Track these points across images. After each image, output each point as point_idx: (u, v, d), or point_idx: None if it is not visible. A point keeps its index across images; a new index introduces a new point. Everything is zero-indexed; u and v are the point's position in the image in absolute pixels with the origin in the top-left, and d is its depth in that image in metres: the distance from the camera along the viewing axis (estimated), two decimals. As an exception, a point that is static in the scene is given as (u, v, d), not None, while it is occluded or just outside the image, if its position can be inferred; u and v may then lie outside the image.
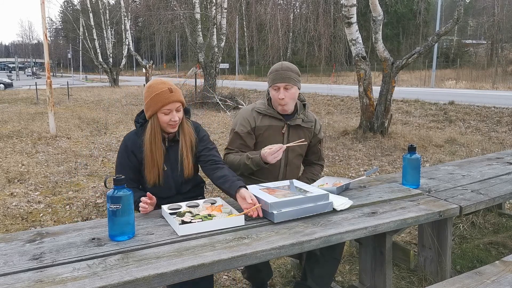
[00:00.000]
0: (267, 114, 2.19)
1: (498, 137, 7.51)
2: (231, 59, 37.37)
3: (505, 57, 32.73)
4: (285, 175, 2.24)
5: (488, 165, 2.76)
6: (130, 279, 1.21)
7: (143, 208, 1.74)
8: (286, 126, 2.20)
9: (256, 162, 2.03)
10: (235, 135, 2.19)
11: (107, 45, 28.43)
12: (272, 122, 2.18)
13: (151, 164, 1.87)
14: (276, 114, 2.19)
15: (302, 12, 26.75)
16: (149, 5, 19.41)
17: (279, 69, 2.14)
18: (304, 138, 2.22)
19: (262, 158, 1.99)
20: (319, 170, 2.41)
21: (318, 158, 2.40)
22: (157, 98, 1.82)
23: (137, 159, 1.90)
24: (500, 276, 1.44)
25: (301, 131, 2.24)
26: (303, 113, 2.25)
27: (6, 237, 1.52)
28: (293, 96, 2.14)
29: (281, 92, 2.10)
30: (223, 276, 2.50)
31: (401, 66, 7.15)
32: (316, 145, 2.36)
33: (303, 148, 2.28)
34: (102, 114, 11.26)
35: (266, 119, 2.19)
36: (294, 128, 2.22)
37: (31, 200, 4.09)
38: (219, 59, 14.14)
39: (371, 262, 2.05)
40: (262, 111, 2.20)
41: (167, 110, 1.83)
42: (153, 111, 1.84)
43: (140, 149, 1.88)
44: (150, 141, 1.86)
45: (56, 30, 76.18)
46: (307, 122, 2.26)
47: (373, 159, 5.81)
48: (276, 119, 2.19)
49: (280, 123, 2.19)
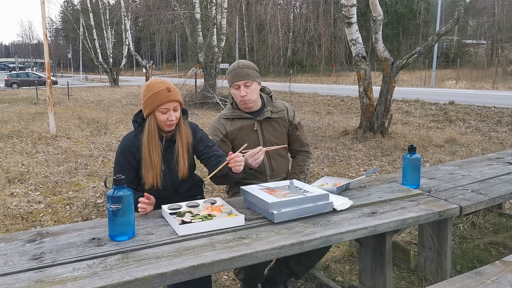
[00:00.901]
0: (235, 117, 2.21)
1: (498, 137, 7.51)
2: (231, 59, 37.34)
3: (505, 57, 32.73)
4: (272, 169, 2.25)
5: (488, 165, 2.76)
6: (130, 279, 1.21)
7: (142, 208, 1.73)
8: (257, 123, 2.22)
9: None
10: None
11: (107, 45, 28.44)
12: (242, 123, 2.20)
13: (149, 163, 1.87)
14: (243, 114, 2.21)
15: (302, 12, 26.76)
16: (149, 5, 19.44)
17: (236, 67, 2.17)
18: (280, 128, 2.25)
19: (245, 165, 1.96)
20: (305, 159, 2.39)
21: (300, 144, 2.39)
22: (155, 97, 1.82)
23: (135, 159, 1.90)
24: (500, 276, 1.44)
25: (274, 123, 2.25)
26: (271, 105, 2.26)
27: (6, 237, 1.52)
28: (254, 92, 2.16)
29: (242, 90, 2.13)
30: (223, 276, 2.50)
31: (401, 66, 7.15)
32: (294, 132, 2.35)
33: (281, 138, 2.28)
34: (102, 114, 11.27)
35: (236, 122, 2.20)
36: (266, 122, 2.23)
37: (31, 200, 4.09)
38: (219, 59, 14.13)
39: (371, 262, 2.05)
40: (229, 115, 2.23)
41: (165, 109, 1.83)
42: (151, 110, 1.84)
43: (138, 149, 1.88)
44: (148, 140, 1.86)
45: (56, 30, 76.28)
46: (277, 112, 2.27)
47: (373, 159, 5.81)
48: (245, 119, 2.21)
49: (250, 122, 2.21)
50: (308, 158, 2.42)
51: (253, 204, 1.77)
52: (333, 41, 25.62)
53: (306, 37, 25.75)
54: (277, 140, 2.24)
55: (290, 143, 2.38)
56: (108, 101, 14.98)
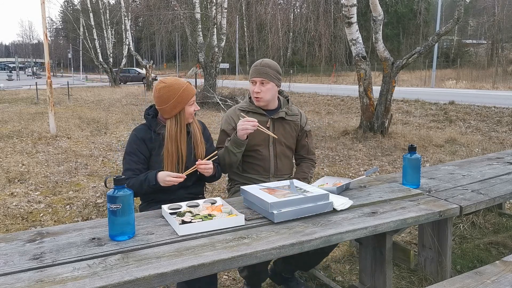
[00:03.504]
0: (250, 110, 2.27)
1: (498, 137, 7.51)
2: (231, 59, 37.38)
3: (505, 57, 32.74)
4: (276, 167, 2.28)
5: (488, 165, 2.76)
6: (130, 279, 1.21)
7: (172, 181, 1.85)
8: (270, 120, 2.26)
9: (233, 140, 2.12)
10: (222, 132, 2.31)
11: (107, 45, 28.41)
12: (256, 118, 2.22)
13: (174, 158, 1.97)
14: (259, 109, 2.26)
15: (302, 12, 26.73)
16: (149, 5, 19.44)
17: (258, 64, 2.24)
18: (290, 131, 2.31)
19: (237, 134, 2.10)
20: (310, 167, 2.42)
21: (307, 151, 2.43)
22: (185, 93, 1.96)
23: (147, 148, 1.98)
24: (500, 276, 1.44)
25: (286, 124, 2.30)
26: (287, 107, 2.32)
27: (6, 237, 1.52)
28: (269, 92, 2.21)
29: (257, 86, 2.20)
30: (223, 276, 2.50)
31: (401, 66, 7.15)
32: (304, 138, 2.40)
33: (290, 140, 2.33)
34: (102, 114, 11.27)
35: (250, 115, 2.24)
36: (279, 121, 2.28)
37: (31, 200, 4.09)
38: (219, 59, 14.13)
39: (371, 262, 2.05)
40: (245, 107, 2.28)
41: (192, 101, 2.00)
42: (183, 105, 1.97)
43: (151, 139, 1.98)
44: (178, 134, 1.97)
45: (56, 30, 76.25)
46: (291, 115, 2.33)
47: (373, 159, 5.81)
48: (259, 114, 2.26)
49: (264, 118, 2.26)
50: (313, 167, 2.45)
51: (253, 204, 1.77)
52: (333, 41, 25.59)
53: (306, 37, 25.75)
54: (286, 141, 2.29)
55: (297, 149, 2.42)
56: (108, 101, 14.98)
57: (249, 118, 2.09)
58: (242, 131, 2.06)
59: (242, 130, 2.06)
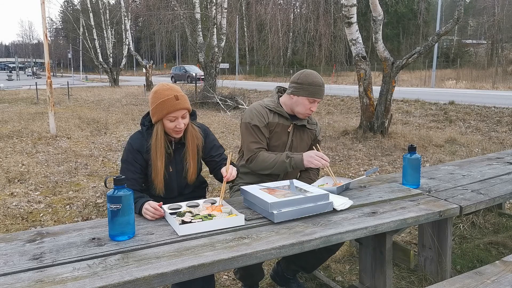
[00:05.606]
0: (277, 112, 2.26)
1: (498, 137, 7.51)
2: (231, 59, 37.37)
3: (505, 57, 32.73)
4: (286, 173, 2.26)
5: (488, 165, 2.76)
6: (130, 279, 1.21)
7: (151, 216, 1.68)
8: (292, 126, 2.27)
9: (295, 162, 2.11)
10: (255, 128, 2.19)
11: (107, 45, 28.39)
12: (280, 120, 2.25)
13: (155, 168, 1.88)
14: (284, 113, 2.26)
15: (302, 12, 26.76)
16: (149, 5, 19.45)
17: (320, 84, 2.19)
18: (307, 139, 2.33)
19: (303, 160, 2.09)
20: (316, 175, 2.44)
21: None
22: (163, 105, 1.80)
23: (143, 158, 1.89)
24: (500, 276, 1.44)
25: (304, 133, 2.33)
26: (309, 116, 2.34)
27: (6, 237, 1.52)
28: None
29: (315, 106, 2.20)
30: (223, 276, 2.50)
31: (401, 66, 7.15)
32: (315, 146, 2.39)
33: (304, 148, 2.34)
34: (102, 114, 11.26)
35: (276, 117, 2.25)
36: (299, 129, 2.30)
37: (31, 200, 4.09)
38: (219, 59, 14.13)
39: (371, 262, 2.05)
40: (272, 108, 2.26)
41: (173, 117, 1.82)
42: (159, 118, 1.83)
43: (146, 149, 1.88)
44: (155, 146, 1.85)
45: (56, 30, 76.22)
46: (311, 124, 2.36)
47: (373, 159, 5.81)
48: (284, 117, 2.26)
49: (287, 122, 2.27)
50: (318, 176, 2.46)
51: (253, 204, 1.77)
52: (333, 41, 25.60)
53: (306, 37, 25.76)
54: (301, 149, 2.30)
55: None
56: (108, 101, 14.98)
57: (324, 156, 2.09)
58: (310, 163, 2.08)
59: (312, 162, 2.07)
